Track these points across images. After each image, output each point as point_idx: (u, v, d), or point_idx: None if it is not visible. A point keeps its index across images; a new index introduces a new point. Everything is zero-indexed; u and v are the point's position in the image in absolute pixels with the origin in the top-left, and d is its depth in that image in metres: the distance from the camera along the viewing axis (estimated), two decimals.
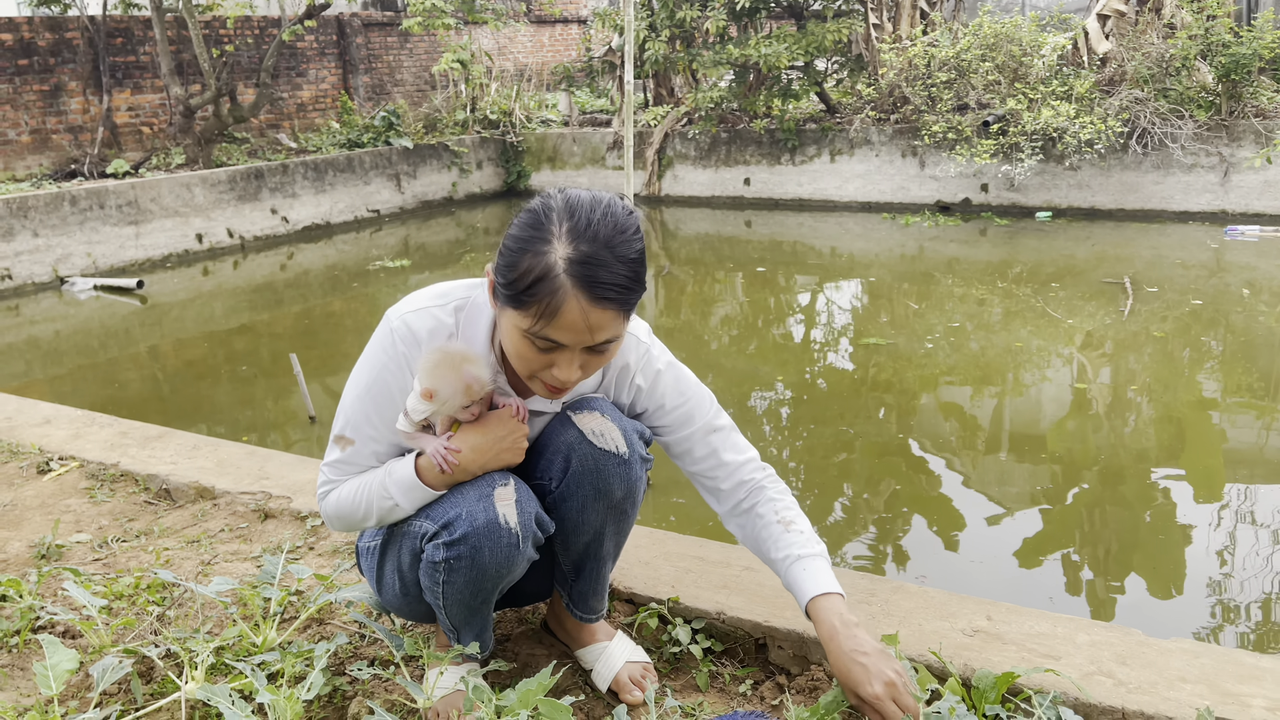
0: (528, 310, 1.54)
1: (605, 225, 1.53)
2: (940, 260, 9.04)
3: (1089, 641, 1.90)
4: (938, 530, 4.16)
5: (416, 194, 12.54)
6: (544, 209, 1.56)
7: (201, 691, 1.72)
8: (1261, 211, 9.36)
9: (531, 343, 1.57)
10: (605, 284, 1.51)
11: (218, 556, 2.58)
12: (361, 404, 1.74)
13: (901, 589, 2.15)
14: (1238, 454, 4.80)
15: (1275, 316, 6.78)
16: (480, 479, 1.72)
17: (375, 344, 1.74)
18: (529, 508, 1.72)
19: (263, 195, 10.83)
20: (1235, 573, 3.67)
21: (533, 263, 1.52)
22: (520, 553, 1.72)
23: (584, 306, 1.52)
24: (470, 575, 1.72)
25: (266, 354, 7.22)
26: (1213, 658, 1.81)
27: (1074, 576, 3.72)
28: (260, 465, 3.07)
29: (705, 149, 12.23)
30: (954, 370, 6.03)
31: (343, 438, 1.77)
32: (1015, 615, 2.01)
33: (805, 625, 2.03)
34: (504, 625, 2.24)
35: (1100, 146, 9.47)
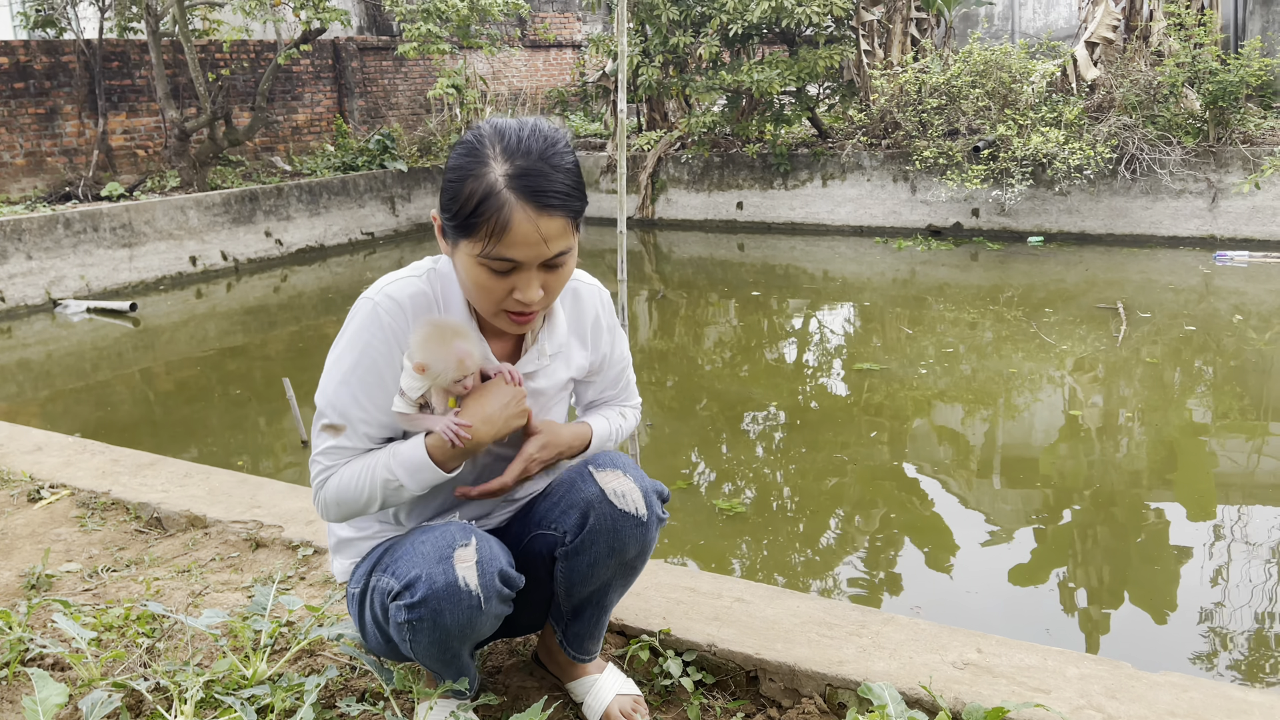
0: (478, 233, 1.57)
1: (536, 140, 1.60)
2: (933, 284, 9.08)
3: (1079, 675, 1.90)
4: (933, 557, 4.16)
5: (411, 217, 12.57)
6: (475, 138, 1.62)
7: None
8: (1250, 236, 9.43)
9: (489, 269, 1.60)
10: (547, 191, 1.57)
11: (209, 586, 2.58)
12: (348, 388, 1.72)
13: (892, 620, 2.16)
14: (1230, 478, 4.81)
15: (1265, 341, 6.82)
16: (441, 538, 1.69)
17: (356, 325, 1.71)
18: (491, 568, 1.69)
19: (257, 218, 10.85)
20: (1228, 599, 3.67)
21: (474, 186, 1.57)
22: (484, 613, 1.70)
23: (531, 216, 1.56)
24: (434, 636, 1.71)
25: (260, 377, 7.22)
26: (1201, 692, 1.82)
27: (1069, 603, 3.73)
28: (252, 493, 3.07)
29: (698, 173, 12.29)
30: (948, 396, 6.05)
31: (332, 425, 1.73)
32: (1005, 648, 2.02)
33: (797, 658, 2.03)
34: (495, 657, 2.24)
35: (1089, 172, 9.54)
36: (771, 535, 4.33)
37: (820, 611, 2.21)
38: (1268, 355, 6.59)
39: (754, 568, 4.09)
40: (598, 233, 12.80)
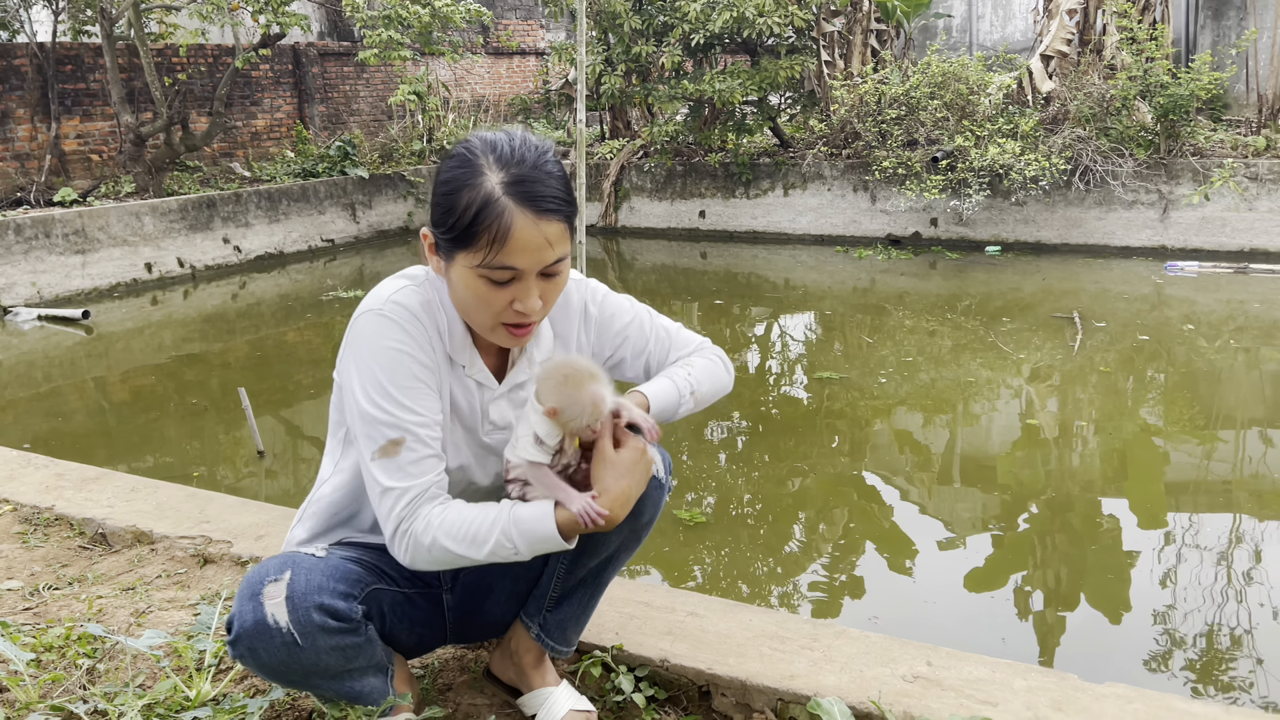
0: (478, 243, 1.57)
1: (528, 149, 1.61)
2: (893, 293, 9.16)
3: (1026, 687, 1.92)
4: (892, 565, 4.19)
5: (372, 224, 12.48)
6: (465, 150, 1.63)
7: None
8: (1199, 247, 9.62)
9: (489, 280, 1.60)
10: (545, 196, 1.58)
11: (153, 605, 2.53)
12: (391, 400, 1.63)
13: (844, 634, 2.16)
14: (1181, 485, 4.89)
15: (1215, 350, 6.95)
16: (258, 571, 1.67)
17: (371, 337, 1.65)
18: (306, 603, 1.63)
19: (215, 224, 10.72)
20: (1178, 604, 3.73)
21: (471, 195, 1.57)
22: (305, 649, 1.64)
23: (533, 220, 1.57)
24: (267, 673, 1.70)
25: (217, 386, 7.12)
26: (1145, 703, 1.84)
27: (1025, 609, 3.76)
28: (201, 508, 3.02)
29: (661, 182, 12.32)
30: (908, 404, 6.10)
31: (392, 444, 1.62)
32: (955, 660, 2.03)
33: (749, 672, 2.03)
34: (446, 674, 2.21)
35: (1045, 183, 9.68)
36: (733, 544, 4.33)
37: (773, 625, 2.21)
38: (1217, 364, 6.71)
39: (715, 577, 4.09)
40: None
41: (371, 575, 1.79)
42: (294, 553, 1.74)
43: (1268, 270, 8.84)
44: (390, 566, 1.84)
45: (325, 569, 1.70)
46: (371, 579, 1.78)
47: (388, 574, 1.84)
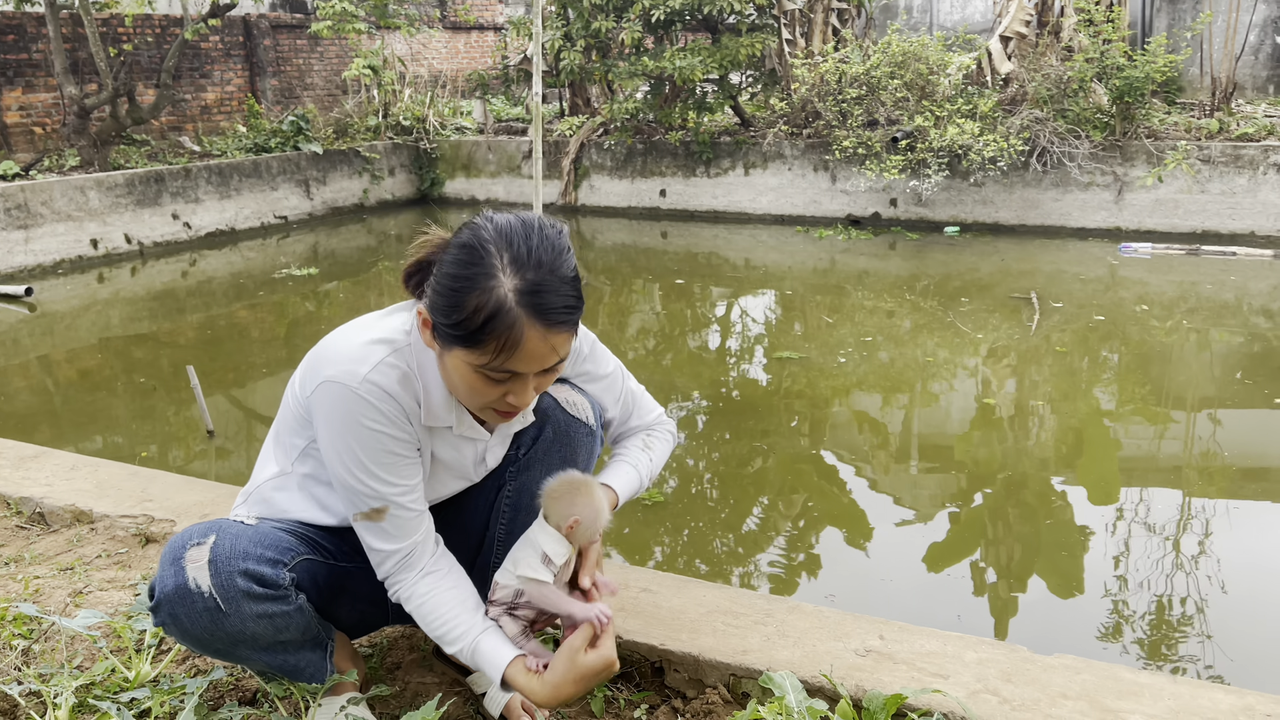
0: (484, 348, 1.51)
1: (544, 249, 1.52)
2: (853, 273, 9.19)
3: (977, 659, 1.92)
4: (850, 543, 4.20)
5: (326, 200, 12.28)
6: (478, 242, 1.52)
7: None
8: (1153, 229, 9.74)
9: (487, 377, 1.55)
10: (557, 308, 1.52)
11: (91, 585, 2.45)
12: (370, 475, 1.65)
13: (797, 609, 2.15)
14: (1133, 463, 4.95)
15: (1166, 331, 7.05)
16: (181, 536, 1.65)
17: (347, 418, 1.62)
18: (229, 567, 1.60)
19: (163, 200, 10.48)
20: (1130, 578, 3.78)
21: (481, 300, 1.49)
22: (228, 615, 1.61)
23: (543, 334, 1.52)
24: (191, 640, 1.66)
25: (166, 365, 6.97)
26: (1094, 674, 1.85)
27: (980, 586, 3.79)
28: (143, 486, 2.94)
29: (621, 160, 12.24)
30: (867, 384, 6.12)
31: (374, 512, 1.68)
32: (907, 634, 2.02)
33: (702, 648, 2.01)
34: (395, 653, 2.17)
35: (1003, 164, 9.75)
36: (691, 524, 4.32)
37: (727, 601, 2.20)
38: (1170, 345, 6.81)
39: (673, 556, 4.07)
40: None
41: (304, 546, 1.75)
42: (221, 519, 1.71)
43: (1218, 252, 8.97)
44: (327, 540, 1.81)
45: (253, 535, 1.67)
46: (304, 549, 1.74)
47: (324, 547, 1.79)
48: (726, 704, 1.96)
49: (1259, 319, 7.39)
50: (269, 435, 1.83)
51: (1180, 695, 1.76)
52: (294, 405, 1.72)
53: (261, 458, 1.85)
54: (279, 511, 1.80)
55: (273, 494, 1.80)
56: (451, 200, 13.53)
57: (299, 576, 1.71)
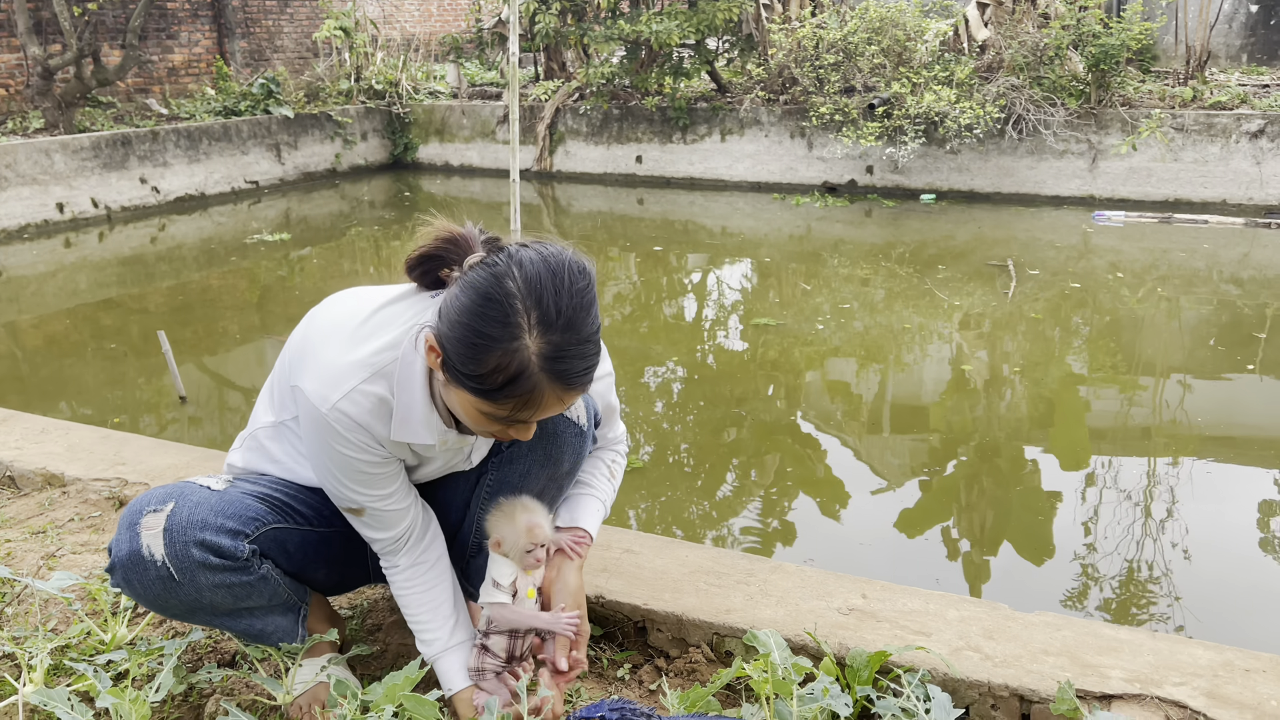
0: (499, 403, 1.48)
1: (572, 307, 1.45)
2: (829, 241, 9.18)
3: (959, 617, 1.93)
4: (827, 509, 4.22)
5: (298, 165, 12.10)
6: (504, 296, 1.43)
7: (37, 695, 1.60)
8: (1126, 197, 9.80)
9: (495, 419, 1.53)
10: (580, 372, 1.48)
11: (64, 548, 2.42)
12: (345, 488, 1.66)
13: (780, 569, 2.15)
14: (1105, 429, 5.00)
15: (1140, 299, 7.11)
16: (139, 501, 1.63)
17: (320, 434, 1.59)
18: (185, 536, 1.58)
19: (131, 163, 10.28)
20: (1100, 542, 3.82)
21: (503, 361, 1.43)
22: (182, 584, 1.59)
23: (561, 395, 1.49)
24: (147, 604, 1.66)
25: (136, 331, 6.87)
26: (1073, 630, 1.86)
27: (955, 550, 3.82)
28: (116, 450, 2.90)
29: (597, 125, 12.14)
30: (843, 351, 6.13)
31: (352, 510, 1.72)
32: (889, 593, 2.03)
33: (684, 608, 2.01)
34: (375, 615, 2.16)
35: (979, 131, 9.75)
36: (669, 490, 4.32)
37: (709, 561, 2.20)
38: (1144, 312, 6.86)
39: (650, 522, 4.08)
40: (495, 184, 12.54)
41: (275, 514, 1.71)
42: (185, 483, 1.67)
43: (1190, 220, 9.04)
44: (304, 504, 1.77)
45: (215, 504, 1.63)
46: (273, 517, 1.71)
47: (298, 512, 1.76)
48: (710, 663, 1.96)
49: (1230, 286, 7.46)
50: (269, 378, 1.80)
51: (1160, 650, 1.78)
52: (286, 374, 1.68)
53: (260, 400, 1.82)
54: (270, 460, 1.78)
55: (267, 442, 1.78)
56: (425, 166, 13.38)
57: (264, 546, 1.68)
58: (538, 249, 1.49)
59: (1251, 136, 9.25)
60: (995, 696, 1.72)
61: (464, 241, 1.58)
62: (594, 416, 1.83)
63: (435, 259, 1.59)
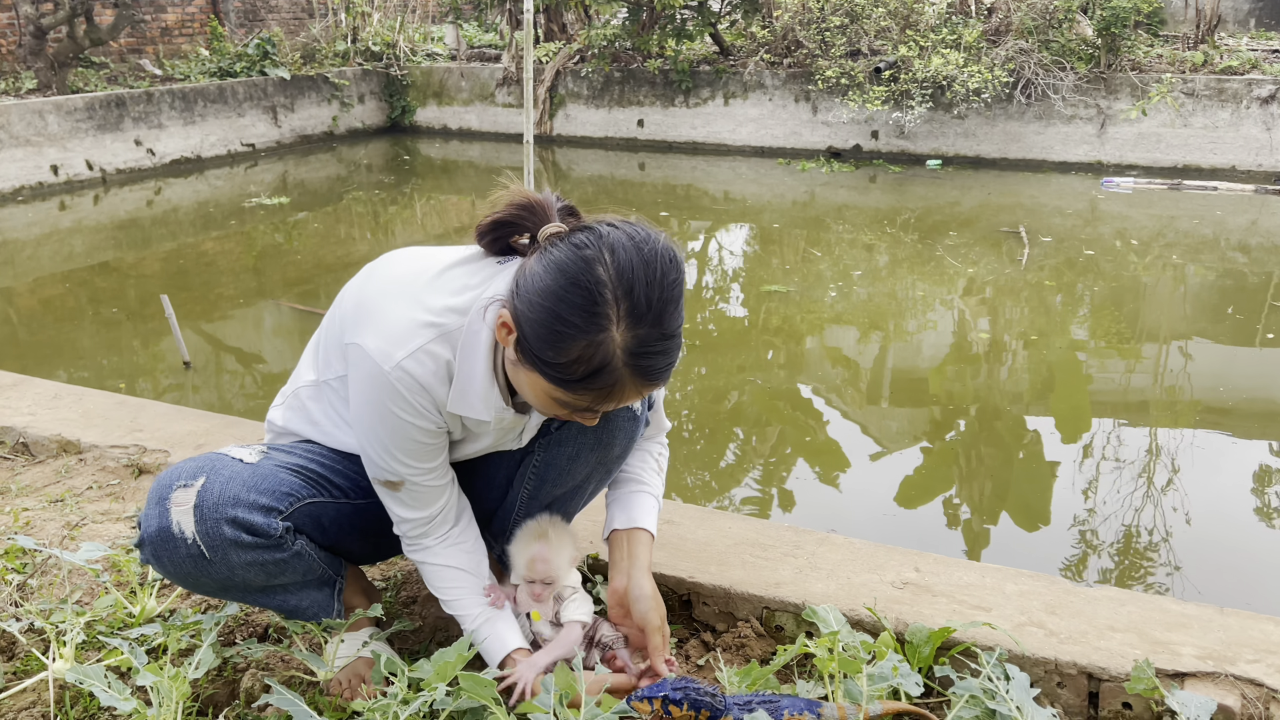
0: (578, 393, 1.40)
1: (663, 300, 1.37)
2: (836, 207, 9.09)
3: (1017, 591, 1.88)
4: (846, 478, 4.16)
5: (295, 128, 11.92)
6: (594, 284, 1.35)
7: (73, 673, 1.53)
8: (1135, 163, 9.71)
9: (563, 405, 1.45)
10: (662, 369, 1.41)
11: (86, 517, 2.35)
12: (391, 456, 1.56)
13: (827, 540, 2.10)
14: (1135, 394, 4.96)
15: (1159, 266, 7.05)
16: (170, 474, 1.55)
17: (377, 394, 1.49)
18: (216, 514, 1.50)
19: (125, 125, 10.10)
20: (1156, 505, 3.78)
21: (588, 353, 1.36)
22: (213, 562, 1.52)
23: (641, 389, 1.42)
24: (178, 580, 1.58)
25: (134, 295, 6.76)
26: (1139, 605, 1.81)
27: (988, 519, 3.78)
28: (132, 416, 2.82)
29: (598, 88, 11.97)
30: (860, 320, 6.06)
31: (390, 483, 1.61)
32: (943, 566, 1.98)
33: (732, 581, 1.95)
34: (410, 586, 2.10)
35: (987, 96, 9.63)
36: (681, 460, 4.26)
37: (753, 533, 2.14)
38: (1162, 280, 6.80)
39: (680, 490, 4.02)
40: (494, 148, 12.39)
41: (310, 487, 1.64)
42: (217, 455, 1.58)
43: (1200, 187, 8.97)
44: (340, 475, 1.69)
45: (248, 478, 1.55)
46: (308, 491, 1.63)
47: (334, 484, 1.68)
48: (760, 637, 1.91)
49: (1239, 254, 7.40)
50: (315, 336, 1.72)
51: (1229, 626, 1.73)
52: (337, 332, 1.59)
53: (305, 357, 1.74)
54: (310, 421, 1.70)
55: (308, 401, 1.69)
56: (423, 129, 13.19)
57: (298, 522, 1.61)
58: (628, 231, 1.39)
59: (1262, 102, 9.15)
60: (1062, 674, 1.67)
61: (540, 209, 1.50)
62: (648, 401, 1.77)
63: (509, 225, 1.50)
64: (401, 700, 1.50)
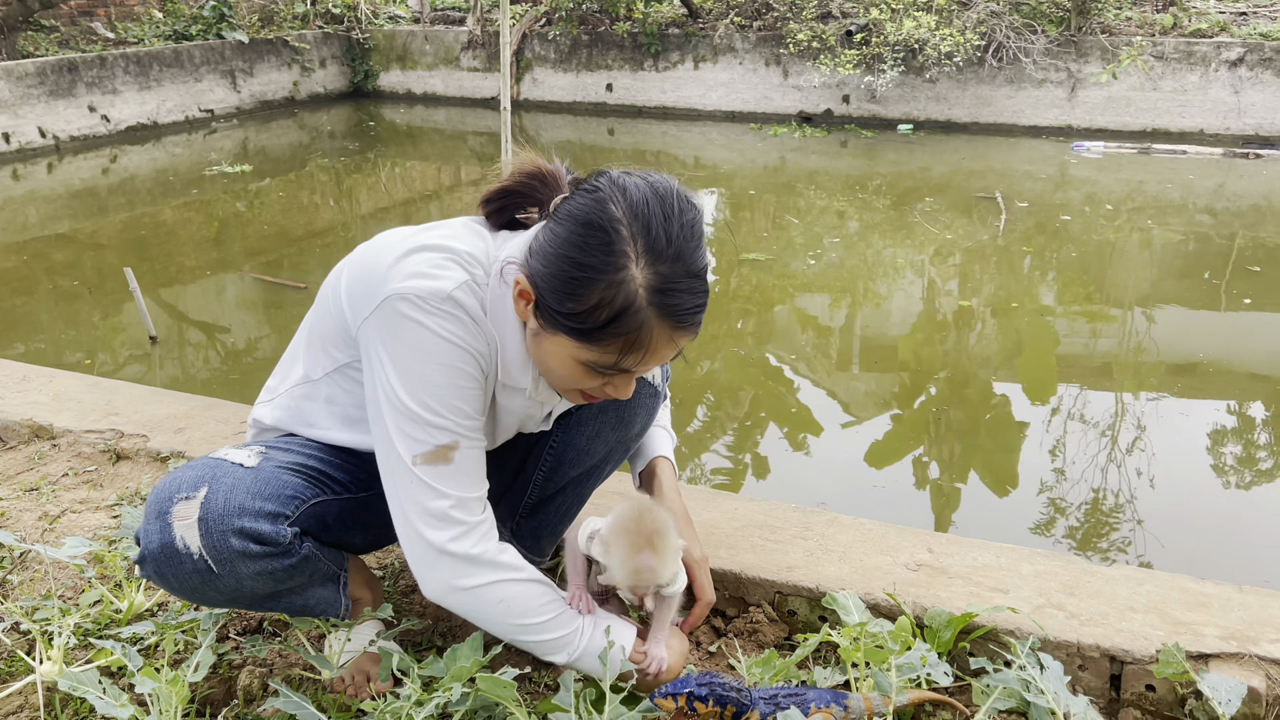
0: (603, 346, 1.32)
1: (683, 235, 1.30)
2: (808, 172, 9.03)
3: (1034, 572, 1.85)
4: (834, 451, 4.14)
5: (254, 93, 11.62)
6: (608, 221, 1.28)
7: (65, 680, 1.46)
8: (1104, 127, 9.73)
9: (592, 370, 1.36)
10: (692, 309, 1.32)
11: (64, 507, 2.25)
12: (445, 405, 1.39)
13: (837, 521, 2.06)
14: (1114, 358, 4.98)
15: (1128, 233, 7.08)
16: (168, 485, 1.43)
17: (425, 335, 1.36)
18: (222, 525, 1.41)
19: (79, 91, 9.78)
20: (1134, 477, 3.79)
21: (608, 294, 1.28)
22: (221, 575, 1.42)
23: (669, 335, 1.32)
24: (183, 596, 1.48)
25: (91, 267, 6.56)
26: (1157, 585, 1.79)
27: (985, 492, 3.77)
28: (107, 399, 2.71)
29: (566, 52, 11.77)
30: (848, 287, 6.02)
31: (442, 449, 1.40)
32: (956, 546, 1.95)
33: (742, 565, 1.91)
34: (408, 576, 2.03)
35: (959, 59, 9.58)
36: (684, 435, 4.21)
37: (760, 514, 2.09)
38: (1137, 247, 6.83)
39: None
40: (459, 114, 12.16)
41: (314, 487, 1.55)
42: (217, 461, 1.47)
43: (1169, 150, 9.01)
44: (339, 469, 1.60)
45: (251, 485, 1.45)
46: (312, 492, 1.53)
47: (336, 480, 1.60)
48: (772, 623, 1.87)
49: (1206, 217, 7.45)
50: (300, 333, 1.61)
51: (1249, 605, 1.71)
52: (336, 314, 1.49)
53: (290, 354, 1.63)
54: (304, 422, 1.60)
55: (301, 401, 1.59)
56: (386, 94, 12.92)
57: (304, 524, 1.52)
58: (641, 175, 1.34)
59: (1231, 65, 9.19)
60: (1084, 657, 1.64)
61: (553, 180, 1.42)
62: (666, 374, 1.71)
63: (517, 195, 1.42)
64: (415, 702, 1.44)
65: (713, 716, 1.43)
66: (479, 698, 1.48)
